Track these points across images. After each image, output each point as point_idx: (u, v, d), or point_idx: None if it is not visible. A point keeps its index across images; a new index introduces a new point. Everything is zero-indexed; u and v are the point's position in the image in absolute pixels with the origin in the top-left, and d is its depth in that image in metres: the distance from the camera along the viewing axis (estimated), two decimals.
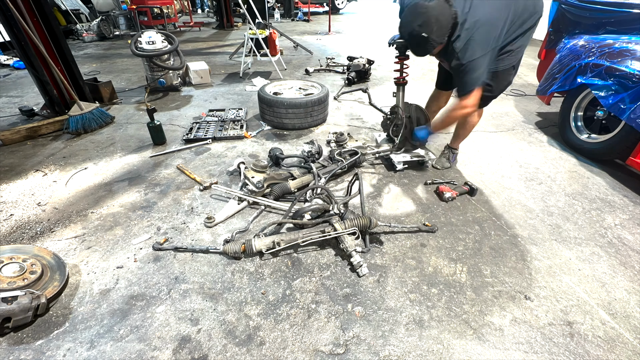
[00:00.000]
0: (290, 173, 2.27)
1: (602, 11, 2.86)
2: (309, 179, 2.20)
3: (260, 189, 2.07)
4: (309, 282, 1.57)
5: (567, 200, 2.20)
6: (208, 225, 1.91)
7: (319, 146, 2.46)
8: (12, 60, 5.28)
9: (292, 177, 2.23)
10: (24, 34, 2.75)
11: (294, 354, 1.26)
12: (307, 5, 11.84)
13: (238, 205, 2.03)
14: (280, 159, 2.42)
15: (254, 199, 2.05)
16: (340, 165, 2.30)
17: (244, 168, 2.21)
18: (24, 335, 1.31)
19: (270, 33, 4.80)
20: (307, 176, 2.22)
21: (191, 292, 1.51)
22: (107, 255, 1.71)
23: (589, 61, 2.56)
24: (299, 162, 2.50)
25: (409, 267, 1.66)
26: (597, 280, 1.61)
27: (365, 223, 1.72)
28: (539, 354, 1.28)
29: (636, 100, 2.18)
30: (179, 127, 3.20)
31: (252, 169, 2.17)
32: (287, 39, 6.46)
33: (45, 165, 2.51)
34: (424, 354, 1.27)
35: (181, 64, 4.08)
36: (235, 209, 2.02)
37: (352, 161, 2.38)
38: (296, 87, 3.46)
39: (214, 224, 1.92)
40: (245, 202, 2.06)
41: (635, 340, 1.34)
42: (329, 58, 5.58)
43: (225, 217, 1.97)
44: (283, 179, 2.20)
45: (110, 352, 1.25)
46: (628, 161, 2.30)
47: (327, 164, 2.39)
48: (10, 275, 1.41)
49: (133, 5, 7.68)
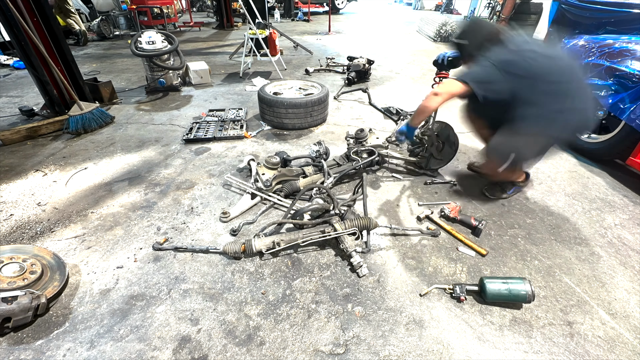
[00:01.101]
0: (302, 170, 2.26)
1: (602, 11, 2.86)
2: (319, 177, 2.19)
3: (268, 187, 2.08)
4: (309, 282, 1.57)
5: (567, 200, 2.20)
6: (224, 220, 1.93)
7: (326, 147, 2.43)
8: (12, 60, 5.27)
9: (304, 174, 2.22)
10: (24, 34, 2.74)
11: (294, 354, 1.26)
12: (307, 5, 11.84)
13: (252, 201, 2.05)
14: (288, 161, 2.35)
15: (265, 196, 2.05)
16: (355, 165, 2.21)
17: (256, 164, 2.22)
18: (24, 335, 1.31)
19: (270, 33, 4.80)
20: (317, 175, 2.21)
21: (191, 292, 1.51)
22: (107, 255, 1.71)
23: (589, 61, 2.56)
24: (306, 161, 2.47)
25: (409, 267, 1.66)
26: (597, 280, 1.61)
27: (366, 223, 1.72)
28: (539, 354, 1.28)
29: (636, 100, 2.18)
30: (179, 127, 3.20)
31: (264, 165, 2.18)
32: (287, 39, 6.46)
33: (45, 165, 2.51)
34: (424, 354, 1.27)
35: (181, 64, 4.08)
36: (249, 204, 2.04)
37: (368, 161, 2.26)
38: (296, 87, 3.46)
39: (229, 219, 1.94)
40: (258, 197, 2.07)
41: (635, 340, 1.34)
42: (329, 58, 5.58)
43: (239, 212, 1.99)
44: (294, 176, 2.20)
45: (110, 352, 1.25)
46: (628, 161, 2.30)
47: (342, 162, 2.33)
48: (10, 275, 1.41)
49: (133, 5, 7.68)
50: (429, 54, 6.56)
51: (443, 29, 7.87)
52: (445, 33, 7.89)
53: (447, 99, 1.79)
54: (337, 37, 8.17)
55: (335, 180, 2.18)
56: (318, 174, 2.22)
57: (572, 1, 3.08)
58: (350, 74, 4.47)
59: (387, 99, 3.96)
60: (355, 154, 2.30)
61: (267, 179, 2.09)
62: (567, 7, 3.15)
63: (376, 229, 1.83)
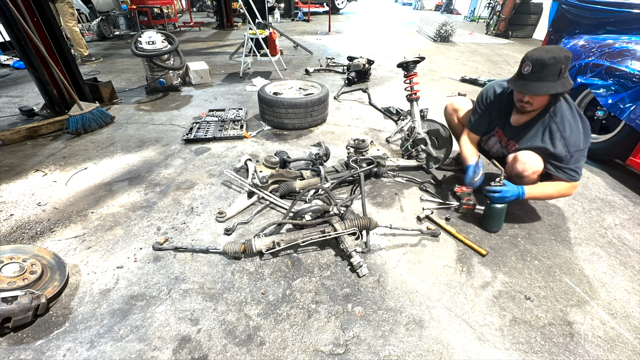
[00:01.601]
0: (300, 173, 2.26)
1: (602, 11, 2.86)
2: (316, 181, 2.18)
3: (264, 184, 2.08)
4: (309, 282, 1.57)
5: (567, 200, 2.19)
6: (220, 220, 1.93)
7: (326, 148, 2.43)
8: (12, 60, 5.28)
9: (302, 177, 2.23)
10: (24, 34, 2.75)
11: (294, 354, 1.26)
12: (307, 5, 11.85)
13: (248, 200, 2.05)
14: (288, 162, 2.34)
15: (261, 193, 2.05)
16: (353, 172, 2.16)
17: (255, 162, 2.22)
18: (24, 335, 1.31)
19: (270, 33, 4.80)
20: (314, 179, 2.21)
21: (191, 292, 1.51)
22: (107, 255, 1.71)
23: (589, 61, 2.56)
24: (306, 164, 2.46)
25: (409, 267, 1.66)
26: (597, 280, 1.61)
27: (365, 223, 1.72)
28: (539, 354, 1.28)
29: (636, 100, 2.18)
30: (179, 127, 3.20)
31: (263, 164, 2.18)
32: (287, 39, 6.46)
33: (45, 165, 2.51)
34: (424, 354, 1.27)
35: (181, 64, 4.08)
36: (245, 203, 2.04)
37: (367, 170, 2.21)
38: (296, 87, 3.46)
39: (225, 219, 1.94)
40: (255, 197, 2.08)
41: (635, 340, 1.34)
42: (329, 58, 5.58)
43: (236, 211, 1.98)
44: (292, 178, 2.20)
45: (110, 352, 1.25)
46: (628, 161, 2.30)
47: (341, 169, 2.30)
48: (10, 275, 1.41)
49: (133, 5, 7.68)
50: (429, 54, 6.56)
51: (443, 29, 7.87)
52: (445, 33, 7.90)
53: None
54: (337, 37, 8.18)
55: (332, 185, 2.16)
56: (315, 178, 2.22)
57: (572, 1, 3.08)
58: (350, 74, 4.48)
59: (387, 99, 3.96)
60: (355, 163, 2.26)
61: (263, 176, 2.09)
62: (567, 7, 3.14)
63: (376, 229, 1.84)
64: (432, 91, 4.36)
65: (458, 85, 4.65)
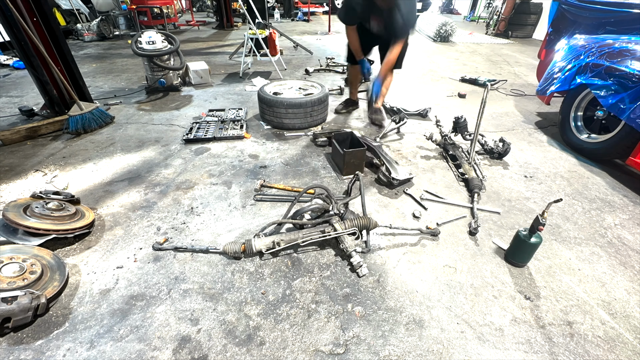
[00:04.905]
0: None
1: (602, 11, 2.86)
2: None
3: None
4: (309, 282, 1.57)
5: (567, 200, 2.20)
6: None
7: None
8: (12, 60, 5.27)
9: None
10: (24, 34, 2.74)
11: (294, 354, 1.26)
12: (307, 5, 11.84)
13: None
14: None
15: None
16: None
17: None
18: (24, 335, 1.31)
19: (270, 33, 4.80)
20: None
21: (191, 292, 1.51)
22: (107, 255, 1.71)
23: (589, 61, 2.56)
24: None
25: (409, 266, 1.66)
26: (597, 280, 1.61)
27: (365, 223, 1.72)
28: (539, 354, 1.28)
29: (636, 100, 2.18)
30: (179, 127, 3.20)
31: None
32: (287, 39, 6.46)
33: (45, 165, 2.51)
34: (424, 354, 1.27)
35: (181, 64, 4.08)
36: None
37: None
38: (296, 87, 3.46)
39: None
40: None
41: (635, 340, 1.34)
42: (329, 58, 5.58)
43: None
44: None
45: (110, 352, 1.25)
46: (628, 161, 2.30)
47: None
48: (10, 275, 1.41)
49: (133, 5, 7.68)
50: (428, 54, 6.56)
51: (443, 29, 7.88)
52: (444, 33, 7.90)
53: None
54: (337, 37, 8.17)
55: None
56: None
57: (572, 1, 3.08)
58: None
59: (387, 98, 3.95)
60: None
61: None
62: (567, 7, 3.15)
63: (376, 229, 1.84)
64: (432, 91, 4.36)
65: (458, 85, 4.65)
